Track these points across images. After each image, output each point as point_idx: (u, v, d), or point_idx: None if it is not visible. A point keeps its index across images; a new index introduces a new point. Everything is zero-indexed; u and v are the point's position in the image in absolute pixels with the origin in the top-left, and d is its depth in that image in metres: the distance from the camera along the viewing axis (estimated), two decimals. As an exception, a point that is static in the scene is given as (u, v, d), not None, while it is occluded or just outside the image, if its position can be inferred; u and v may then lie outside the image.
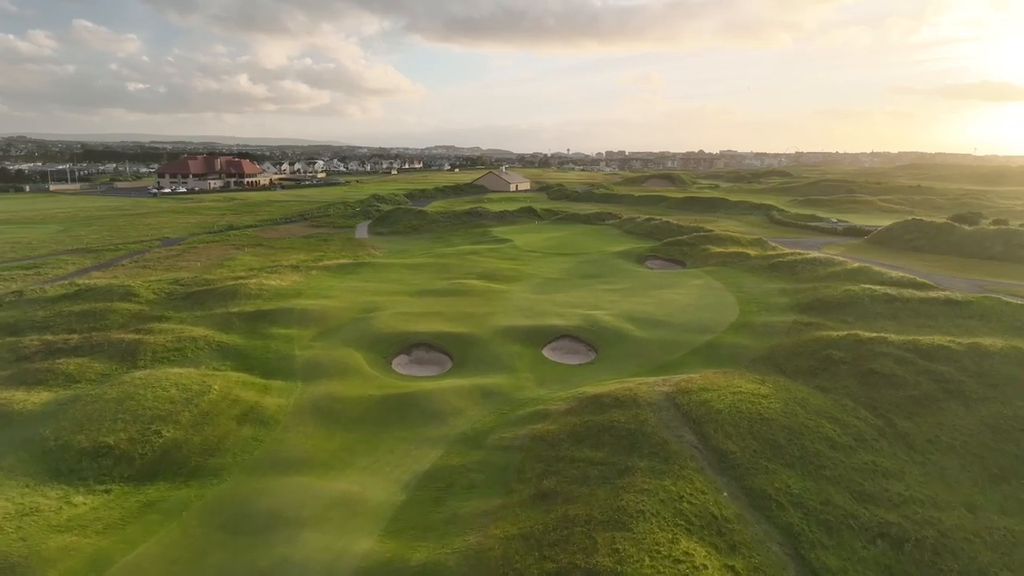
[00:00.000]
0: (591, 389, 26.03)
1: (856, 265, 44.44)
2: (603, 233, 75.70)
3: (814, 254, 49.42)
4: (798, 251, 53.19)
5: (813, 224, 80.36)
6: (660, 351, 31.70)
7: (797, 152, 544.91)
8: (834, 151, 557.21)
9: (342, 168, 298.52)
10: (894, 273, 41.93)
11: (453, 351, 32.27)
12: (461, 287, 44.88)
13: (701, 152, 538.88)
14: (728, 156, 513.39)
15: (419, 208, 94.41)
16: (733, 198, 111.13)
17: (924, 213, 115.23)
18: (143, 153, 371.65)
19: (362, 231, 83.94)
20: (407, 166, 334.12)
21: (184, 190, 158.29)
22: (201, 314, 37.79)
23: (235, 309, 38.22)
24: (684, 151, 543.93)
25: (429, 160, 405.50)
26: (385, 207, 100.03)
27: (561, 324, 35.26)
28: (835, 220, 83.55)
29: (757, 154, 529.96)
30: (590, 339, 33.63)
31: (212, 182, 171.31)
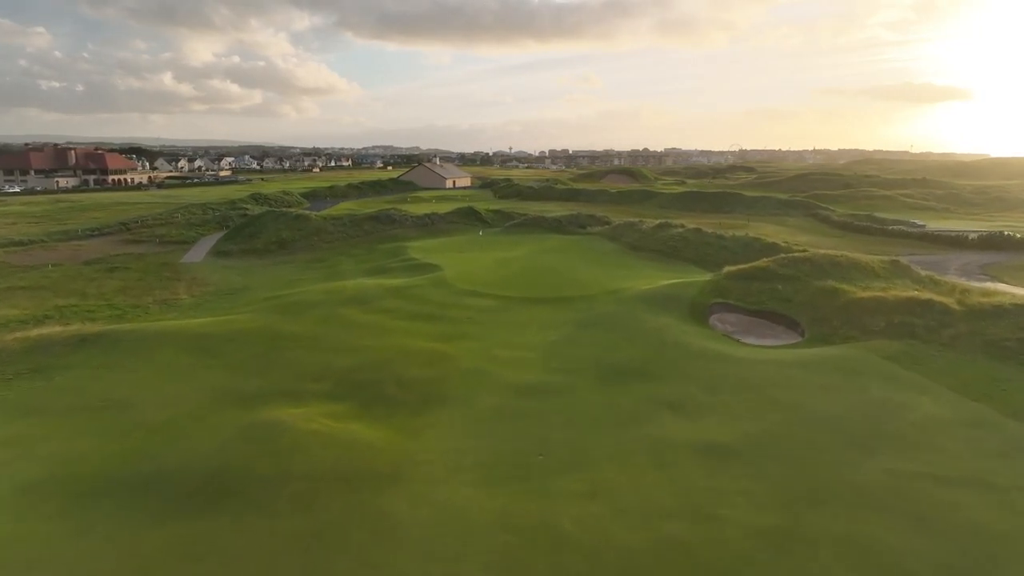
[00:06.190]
0: None
1: None
2: (592, 250, 45.78)
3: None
4: (1013, 291, 25.49)
5: (907, 228, 53.07)
6: None
7: (741, 149, 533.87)
8: (776, 148, 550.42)
9: (254, 166, 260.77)
10: None
11: None
12: (270, 450, 14.45)
13: (647, 150, 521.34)
14: (674, 154, 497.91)
15: (301, 212, 62.37)
16: (748, 193, 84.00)
17: (964, 211, 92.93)
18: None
19: (201, 249, 51.98)
20: (333, 164, 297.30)
21: (18, 189, 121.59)
22: None
23: None
24: (628, 149, 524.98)
25: (362, 159, 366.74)
26: (256, 210, 67.54)
27: None
28: (917, 222, 57.31)
29: (702, 151, 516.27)
30: None
31: (62, 180, 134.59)
